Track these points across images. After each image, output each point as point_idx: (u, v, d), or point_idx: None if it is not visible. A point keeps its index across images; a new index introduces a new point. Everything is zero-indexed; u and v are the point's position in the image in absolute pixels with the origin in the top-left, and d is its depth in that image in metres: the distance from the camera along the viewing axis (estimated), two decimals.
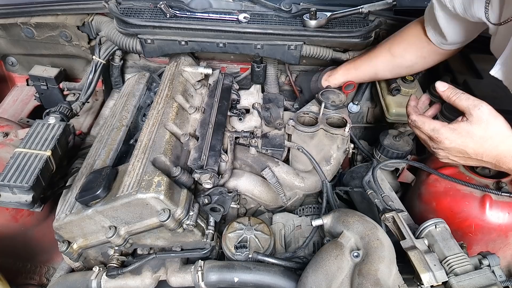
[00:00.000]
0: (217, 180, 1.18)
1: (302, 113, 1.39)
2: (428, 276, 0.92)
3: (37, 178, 1.03)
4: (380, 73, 1.46)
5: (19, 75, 1.92)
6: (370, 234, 1.01)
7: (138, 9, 1.53)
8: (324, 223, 1.12)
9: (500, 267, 0.98)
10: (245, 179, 1.28)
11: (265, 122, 1.44)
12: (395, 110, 1.49)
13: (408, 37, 1.36)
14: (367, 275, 0.91)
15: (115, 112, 1.44)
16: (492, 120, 0.96)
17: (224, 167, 1.24)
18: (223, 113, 1.37)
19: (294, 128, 1.34)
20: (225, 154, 1.25)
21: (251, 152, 1.34)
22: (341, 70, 1.52)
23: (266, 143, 1.35)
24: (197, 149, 1.22)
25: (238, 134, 1.37)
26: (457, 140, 1.00)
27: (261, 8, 1.54)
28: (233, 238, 1.16)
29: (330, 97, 1.41)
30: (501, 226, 1.19)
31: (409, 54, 1.37)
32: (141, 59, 1.81)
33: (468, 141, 0.99)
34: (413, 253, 0.97)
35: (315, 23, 1.46)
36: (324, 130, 1.33)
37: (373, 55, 1.44)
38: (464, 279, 0.92)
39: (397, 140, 1.43)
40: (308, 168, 1.39)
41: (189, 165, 1.19)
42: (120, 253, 1.15)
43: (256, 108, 1.49)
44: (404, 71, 1.46)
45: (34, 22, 1.61)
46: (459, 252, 0.98)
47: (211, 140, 1.24)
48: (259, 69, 1.58)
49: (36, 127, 1.15)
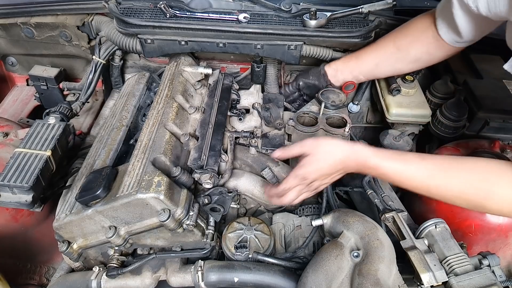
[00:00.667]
0: (217, 180, 1.18)
1: (302, 113, 1.39)
2: (428, 276, 0.92)
3: (37, 178, 1.03)
4: (381, 65, 1.40)
5: (19, 75, 1.92)
6: (370, 234, 1.01)
7: (138, 9, 1.53)
8: (324, 223, 1.12)
9: (500, 267, 0.98)
10: (245, 179, 1.28)
11: (265, 122, 1.44)
12: (395, 110, 1.49)
13: (415, 32, 1.32)
14: (367, 275, 0.91)
15: (115, 112, 1.44)
16: (322, 140, 1.10)
17: (224, 167, 1.24)
18: (223, 113, 1.37)
19: (294, 128, 1.34)
20: (225, 154, 1.25)
21: (251, 152, 1.34)
22: (343, 58, 1.49)
23: (266, 143, 1.35)
24: (197, 149, 1.22)
25: (238, 134, 1.37)
26: (311, 168, 1.09)
27: (261, 8, 1.54)
28: (233, 238, 1.16)
29: (330, 97, 1.40)
30: (501, 226, 1.19)
31: (415, 48, 1.32)
32: (141, 59, 1.81)
33: (320, 164, 1.08)
34: (413, 253, 0.97)
35: (315, 23, 1.46)
36: (324, 130, 1.33)
37: (377, 46, 1.39)
38: (464, 279, 0.92)
39: (397, 140, 1.43)
40: None
41: (189, 165, 1.19)
42: (120, 253, 1.15)
43: (256, 108, 1.49)
44: (406, 67, 1.40)
45: (34, 22, 1.61)
46: (459, 252, 0.98)
47: (211, 140, 1.24)
48: (259, 69, 1.58)
49: (36, 127, 1.15)
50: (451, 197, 0.99)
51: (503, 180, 0.93)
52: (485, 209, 0.98)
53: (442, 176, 0.98)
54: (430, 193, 1.02)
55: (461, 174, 0.98)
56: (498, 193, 0.93)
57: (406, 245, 1.01)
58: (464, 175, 0.98)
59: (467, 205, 1.00)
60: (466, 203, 0.99)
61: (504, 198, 0.93)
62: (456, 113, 1.44)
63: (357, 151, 1.06)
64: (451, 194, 0.98)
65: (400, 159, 1.03)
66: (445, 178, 0.98)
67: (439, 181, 0.98)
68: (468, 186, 0.96)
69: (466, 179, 0.97)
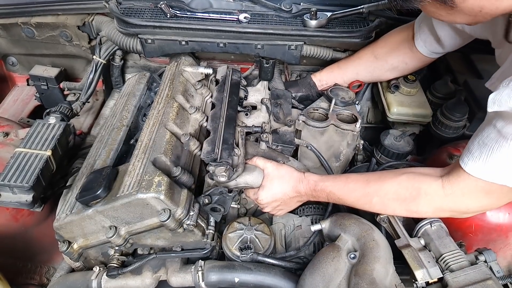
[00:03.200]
0: (231, 173, 1.16)
1: (312, 109, 1.39)
2: (421, 273, 0.93)
3: (37, 178, 1.03)
4: (361, 74, 1.50)
5: (20, 75, 1.92)
6: (366, 235, 1.02)
7: (138, 9, 1.53)
8: (322, 227, 1.13)
9: (497, 263, 0.98)
10: (257, 174, 1.26)
11: (274, 118, 1.42)
12: (396, 109, 1.49)
13: (393, 43, 1.43)
14: (363, 275, 0.92)
15: (116, 112, 1.43)
16: (280, 167, 1.22)
17: (236, 161, 1.22)
18: (234, 108, 1.35)
19: (305, 124, 1.33)
20: (237, 148, 1.24)
21: (261, 147, 1.31)
22: (326, 68, 1.56)
23: (277, 139, 1.34)
24: (209, 142, 1.20)
25: (249, 129, 1.36)
26: (265, 195, 1.20)
27: (262, 8, 1.54)
28: (234, 238, 1.16)
29: (339, 94, 1.42)
30: (501, 226, 1.19)
31: (392, 58, 1.43)
32: (142, 59, 1.81)
33: (271, 191, 1.19)
34: (407, 251, 0.98)
35: (315, 23, 1.46)
36: (334, 126, 1.32)
37: (357, 56, 1.50)
38: (459, 275, 0.92)
39: (398, 140, 1.43)
40: (317, 165, 1.38)
41: (202, 158, 1.17)
42: (120, 253, 1.15)
43: (265, 103, 1.47)
44: (384, 75, 1.50)
45: (34, 22, 1.61)
46: (455, 249, 0.99)
47: (223, 134, 1.23)
48: (268, 65, 1.54)
49: (36, 127, 1.15)
50: (389, 201, 1.03)
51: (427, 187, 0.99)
52: (417, 209, 1.02)
53: (377, 176, 1.07)
54: (371, 202, 1.06)
55: (394, 180, 1.04)
56: (426, 191, 0.98)
57: (400, 243, 1.02)
58: (397, 181, 1.03)
59: (401, 209, 1.04)
60: (400, 207, 1.03)
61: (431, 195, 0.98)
62: (456, 113, 1.43)
63: (307, 176, 1.18)
64: (387, 198, 1.03)
65: (341, 177, 1.14)
66: (380, 181, 1.05)
67: (375, 186, 1.05)
68: (402, 187, 1.01)
69: (399, 183, 1.02)
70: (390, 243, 1.04)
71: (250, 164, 1.25)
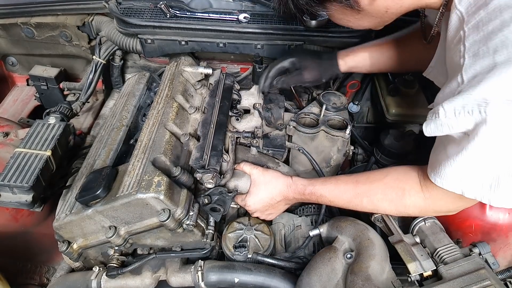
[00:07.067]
0: (219, 180, 1.17)
1: (303, 114, 1.39)
2: (414, 265, 0.93)
3: (37, 178, 1.03)
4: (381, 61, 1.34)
5: (19, 75, 1.92)
6: (361, 235, 1.03)
7: (138, 9, 1.53)
8: (320, 232, 1.14)
9: (491, 255, 1.00)
10: (246, 179, 1.28)
11: (266, 123, 1.44)
12: (395, 110, 1.49)
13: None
14: (359, 272, 0.93)
15: (115, 112, 1.44)
16: (266, 172, 1.21)
17: (225, 167, 1.24)
18: (225, 113, 1.36)
19: (295, 129, 1.34)
20: (226, 154, 1.25)
21: (252, 152, 1.33)
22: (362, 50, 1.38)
23: (268, 143, 1.35)
24: (198, 148, 1.22)
25: (240, 134, 1.37)
26: (253, 201, 1.20)
27: (261, 8, 1.54)
28: (233, 238, 1.16)
29: (331, 99, 1.40)
30: (501, 226, 1.19)
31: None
32: (141, 59, 1.81)
33: (258, 197, 1.19)
34: (400, 245, 1.00)
35: (315, 23, 1.45)
36: (324, 132, 1.32)
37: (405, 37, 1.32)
38: (453, 267, 0.93)
39: (398, 140, 1.43)
40: (308, 169, 1.39)
41: (191, 164, 1.18)
42: (120, 253, 1.15)
43: (257, 108, 1.48)
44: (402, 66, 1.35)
45: (34, 22, 1.61)
46: (449, 243, 1.00)
47: (213, 140, 1.24)
48: (261, 70, 1.57)
49: (36, 127, 1.15)
50: (379, 201, 1.03)
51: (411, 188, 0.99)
52: (405, 209, 1.03)
53: (365, 177, 1.07)
54: (362, 203, 1.06)
55: (380, 180, 1.04)
56: (409, 192, 0.99)
57: (393, 239, 1.04)
58: (383, 181, 1.03)
59: (391, 208, 1.04)
60: (390, 206, 1.03)
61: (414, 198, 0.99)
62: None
63: (295, 181, 1.17)
64: (376, 198, 1.03)
65: (331, 180, 1.13)
66: (368, 182, 1.05)
67: (363, 187, 1.05)
68: (388, 187, 1.02)
69: (385, 183, 1.03)
70: (387, 243, 1.04)
71: (239, 170, 1.26)
